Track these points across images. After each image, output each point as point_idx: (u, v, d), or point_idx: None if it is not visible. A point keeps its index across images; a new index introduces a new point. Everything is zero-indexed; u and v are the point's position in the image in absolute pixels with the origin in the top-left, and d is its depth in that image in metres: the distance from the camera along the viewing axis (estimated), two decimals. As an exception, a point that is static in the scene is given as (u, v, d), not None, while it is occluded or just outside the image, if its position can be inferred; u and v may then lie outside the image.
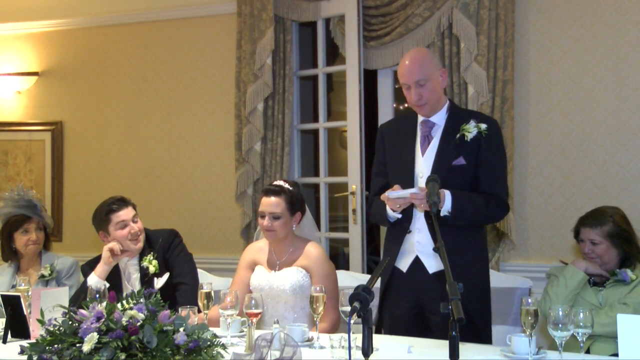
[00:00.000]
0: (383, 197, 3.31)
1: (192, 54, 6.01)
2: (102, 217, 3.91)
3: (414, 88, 3.39)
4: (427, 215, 3.34)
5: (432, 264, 3.34)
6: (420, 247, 3.37)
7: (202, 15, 5.97)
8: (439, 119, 3.47)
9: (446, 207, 3.24)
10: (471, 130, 3.36)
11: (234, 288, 3.65)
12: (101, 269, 3.85)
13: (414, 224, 3.40)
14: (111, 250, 3.84)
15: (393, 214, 3.39)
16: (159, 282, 3.83)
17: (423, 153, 3.44)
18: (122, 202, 3.94)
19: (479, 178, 3.38)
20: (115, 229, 3.89)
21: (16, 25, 6.50)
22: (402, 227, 3.42)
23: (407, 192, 3.22)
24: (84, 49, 6.37)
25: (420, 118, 3.51)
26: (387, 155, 3.59)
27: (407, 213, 3.39)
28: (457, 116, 3.47)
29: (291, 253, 3.70)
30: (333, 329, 3.51)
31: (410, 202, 3.26)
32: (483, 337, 3.33)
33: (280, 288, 3.60)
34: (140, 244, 3.92)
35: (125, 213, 3.91)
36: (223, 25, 5.87)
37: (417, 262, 3.39)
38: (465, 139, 3.37)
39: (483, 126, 3.37)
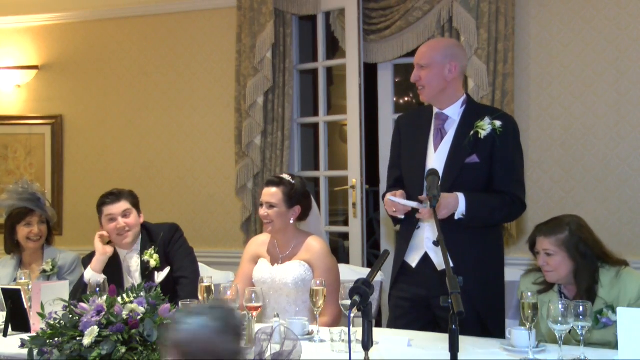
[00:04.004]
0: (385, 200, 3.30)
1: (192, 47, 6.01)
2: (97, 208, 3.97)
3: (416, 69, 3.40)
4: None
5: (441, 260, 3.30)
6: (429, 242, 3.34)
7: (202, 9, 5.96)
8: (453, 112, 3.42)
9: (460, 210, 3.21)
10: (485, 127, 3.30)
11: (238, 281, 3.70)
12: (97, 260, 3.88)
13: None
14: (101, 237, 3.90)
15: (395, 215, 3.38)
16: (159, 276, 3.84)
17: (436, 148, 3.40)
18: (115, 197, 3.94)
19: (493, 176, 3.33)
20: (105, 222, 3.94)
21: (16, 18, 6.49)
22: (411, 222, 3.40)
23: (408, 203, 3.20)
24: (84, 43, 6.36)
25: (434, 110, 3.47)
26: (402, 147, 3.56)
27: (416, 209, 3.37)
28: (473, 112, 3.41)
29: (294, 247, 3.70)
30: (334, 322, 3.51)
31: (408, 210, 3.24)
32: (493, 334, 3.28)
33: (282, 281, 3.61)
34: (129, 240, 3.92)
35: (116, 207, 3.91)
36: (223, 19, 5.86)
37: (426, 258, 3.37)
38: (479, 136, 3.31)
39: (498, 124, 3.31)
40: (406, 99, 8.52)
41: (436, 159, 3.37)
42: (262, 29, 5.41)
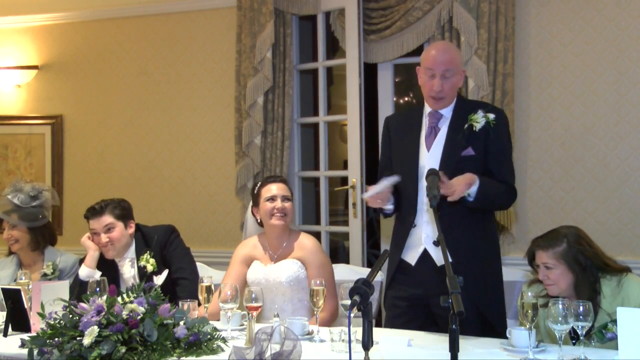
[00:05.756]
0: (365, 200, 3.34)
1: (192, 47, 6.01)
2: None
3: (439, 78, 3.34)
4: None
5: (441, 256, 3.28)
6: (428, 240, 3.36)
7: (202, 9, 5.96)
8: (446, 110, 3.45)
9: (473, 189, 3.20)
10: (479, 120, 3.34)
11: (227, 282, 3.68)
12: (90, 257, 3.91)
13: (419, 217, 3.39)
14: (89, 236, 3.94)
15: (385, 207, 3.40)
16: (158, 280, 3.81)
17: (429, 146, 3.42)
18: (97, 211, 3.91)
19: (491, 168, 3.37)
20: (90, 235, 3.96)
21: (16, 18, 6.49)
22: (407, 221, 3.42)
23: (382, 185, 3.22)
24: (84, 43, 6.36)
25: (427, 110, 3.49)
26: (392, 148, 3.58)
27: (412, 207, 3.38)
28: (464, 107, 3.45)
29: (285, 247, 3.72)
30: (332, 318, 3.53)
31: (390, 191, 3.28)
32: (497, 329, 3.28)
33: (276, 280, 3.61)
34: (114, 253, 3.92)
35: (98, 222, 3.90)
36: (223, 19, 5.86)
37: (425, 255, 3.38)
38: (474, 129, 3.35)
39: (491, 116, 3.35)
40: (406, 98, 8.52)
41: (430, 157, 3.39)
42: (262, 29, 5.41)
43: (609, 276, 3.12)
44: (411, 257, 3.43)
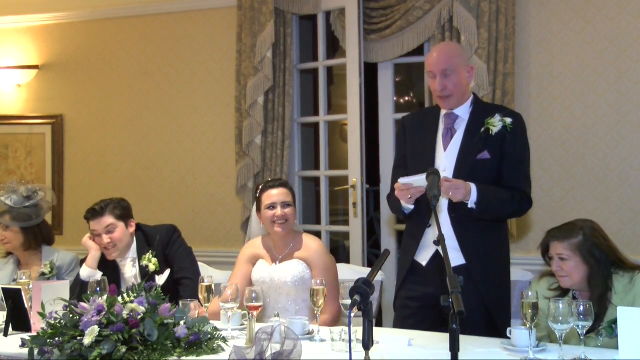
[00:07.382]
0: (396, 185, 3.30)
1: (192, 47, 6.01)
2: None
3: (439, 78, 3.38)
4: (450, 208, 3.35)
5: (453, 257, 3.20)
6: None
7: (202, 9, 5.97)
8: (463, 112, 3.46)
9: (472, 199, 3.24)
10: (496, 124, 3.35)
11: (234, 282, 3.67)
12: (91, 257, 3.90)
13: (434, 217, 3.39)
14: (91, 238, 3.92)
15: (407, 206, 3.38)
16: (160, 279, 3.82)
17: (446, 146, 3.43)
18: (97, 212, 3.89)
19: (503, 172, 3.37)
20: (91, 236, 3.95)
21: (16, 18, 6.49)
22: (422, 221, 3.42)
23: (418, 177, 3.17)
24: (85, 42, 6.36)
25: (443, 111, 3.50)
26: (407, 147, 3.59)
27: (427, 207, 3.37)
28: (482, 110, 3.46)
29: (291, 248, 3.72)
30: (334, 321, 3.52)
31: (422, 192, 3.22)
32: (501, 329, 3.30)
33: (281, 280, 3.61)
34: (116, 254, 3.92)
35: (98, 224, 3.87)
36: (223, 19, 5.86)
37: (437, 256, 3.38)
38: (490, 133, 3.36)
39: (508, 120, 3.36)
40: (406, 98, 8.52)
41: (446, 157, 3.41)
42: (263, 29, 5.41)
43: (622, 272, 3.12)
44: (423, 257, 3.44)
